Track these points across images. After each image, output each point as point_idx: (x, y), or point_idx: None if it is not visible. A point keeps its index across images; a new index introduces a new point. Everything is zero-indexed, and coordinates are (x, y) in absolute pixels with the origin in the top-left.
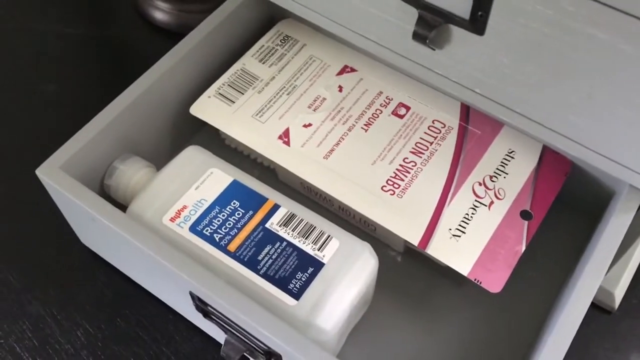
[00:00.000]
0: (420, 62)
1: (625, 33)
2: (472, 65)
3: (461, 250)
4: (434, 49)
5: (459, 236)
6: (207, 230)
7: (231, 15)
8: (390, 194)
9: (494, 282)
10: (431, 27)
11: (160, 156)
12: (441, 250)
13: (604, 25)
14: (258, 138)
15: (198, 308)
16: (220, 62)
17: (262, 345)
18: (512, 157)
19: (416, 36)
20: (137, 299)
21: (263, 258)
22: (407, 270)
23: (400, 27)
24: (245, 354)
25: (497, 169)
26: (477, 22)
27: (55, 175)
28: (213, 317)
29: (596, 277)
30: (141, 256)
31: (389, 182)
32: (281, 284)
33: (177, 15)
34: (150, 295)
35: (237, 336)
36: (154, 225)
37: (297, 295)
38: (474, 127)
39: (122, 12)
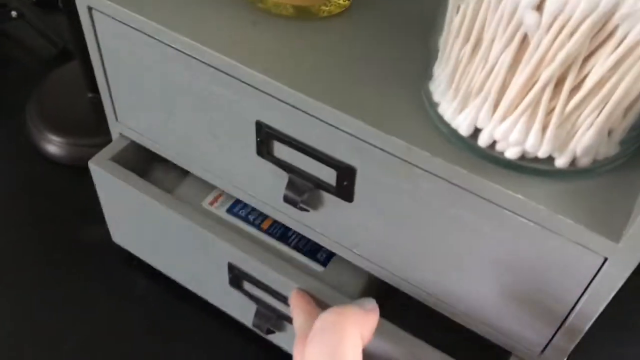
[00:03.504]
0: (300, 220)
1: (482, 213)
2: (346, 227)
3: None
4: (308, 211)
5: None
6: (241, 213)
7: None
8: None
9: None
10: (301, 191)
11: None
12: None
13: (456, 204)
14: None
15: (232, 281)
16: None
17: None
18: None
19: (286, 199)
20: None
21: (291, 235)
22: None
23: (276, 187)
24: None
25: None
26: (343, 190)
27: (107, 166)
28: (244, 289)
29: None
30: (184, 236)
31: None
32: (310, 253)
33: (70, 148)
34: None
35: (267, 305)
36: (196, 207)
37: (324, 263)
38: None
39: (16, 146)
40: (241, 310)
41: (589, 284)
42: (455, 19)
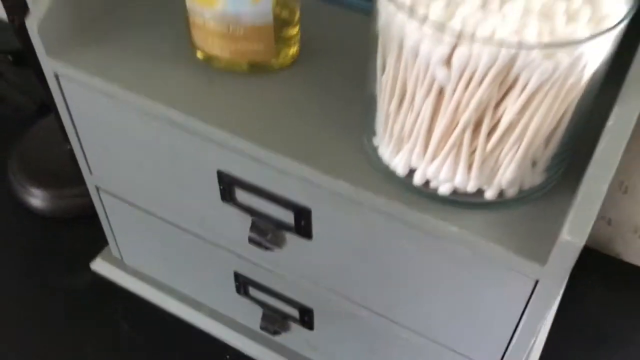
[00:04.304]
0: (267, 259)
1: (424, 245)
2: (309, 262)
3: None
4: (272, 250)
5: None
6: None
7: None
8: None
9: None
10: (264, 232)
11: None
12: None
13: (401, 237)
14: None
15: (239, 288)
16: None
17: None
18: None
19: (251, 240)
20: None
21: None
22: None
23: (242, 229)
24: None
25: None
26: (302, 229)
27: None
28: (250, 295)
29: None
30: (191, 250)
31: None
32: None
33: (51, 201)
34: None
35: (274, 309)
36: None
37: None
38: None
39: None
40: (249, 315)
41: (527, 304)
42: (383, 74)
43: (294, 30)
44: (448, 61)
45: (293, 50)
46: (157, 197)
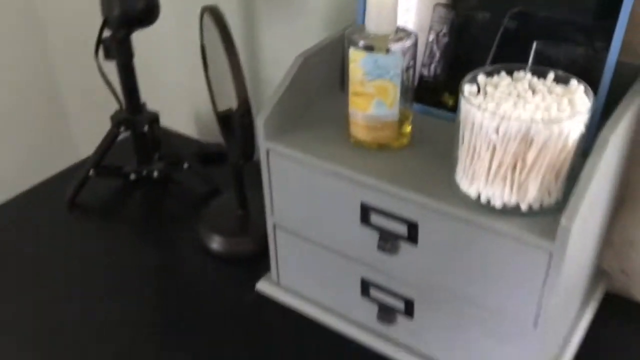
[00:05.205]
0: (385, 262)
1: (488, 238)
2: (416, 263)
3: None
4: (391, 254)
5: None
6: None
7: None
8: None
9: None
10: (387, 241)
11: None
12: None
13: (475, 235)
14: None
15: (364, 291)
16: None
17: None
18: None
19: (379, 248)
20: None
21: None
22: None
23: (371, 241)
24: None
25: None
26: (412, 238)
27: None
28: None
29: None
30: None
31: None
32: None
33: (225, 246)
34: None
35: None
36: None
37: None
38: None
39: (191, 245)
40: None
41: (548, 269)
42: (462, 144)
43: (408, 127)
44: (497, 130)
45: (407, 138)
46: (316, 227)
